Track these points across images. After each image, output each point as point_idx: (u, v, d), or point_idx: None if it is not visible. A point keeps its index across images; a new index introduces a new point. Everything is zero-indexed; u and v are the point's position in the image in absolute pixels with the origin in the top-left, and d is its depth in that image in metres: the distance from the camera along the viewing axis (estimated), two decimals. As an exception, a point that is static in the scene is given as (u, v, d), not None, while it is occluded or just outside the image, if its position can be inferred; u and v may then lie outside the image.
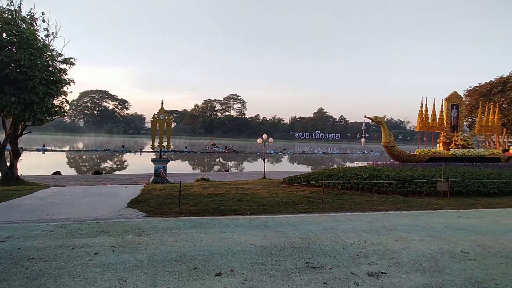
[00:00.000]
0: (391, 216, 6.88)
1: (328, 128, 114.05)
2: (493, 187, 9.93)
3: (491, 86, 22.09)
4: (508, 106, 20.45)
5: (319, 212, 7.08)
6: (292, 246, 4.78)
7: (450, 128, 15.08)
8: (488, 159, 14.53)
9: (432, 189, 9.36)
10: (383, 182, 9.54)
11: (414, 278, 3.78)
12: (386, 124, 13.45)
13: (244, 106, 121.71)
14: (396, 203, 8.14)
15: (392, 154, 13.22)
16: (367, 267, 4.06)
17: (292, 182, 10.94)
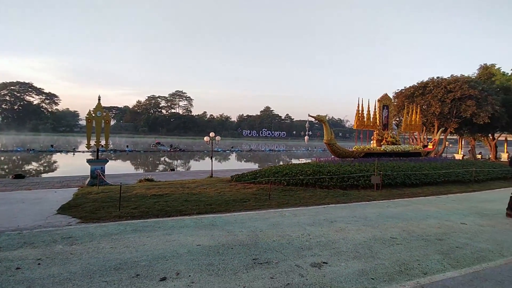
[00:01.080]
0: (332, 209, 7.35)
1: (274, 126, 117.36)
2: (416, 178, 11.27)
3: (414, 89, 24.97)
4: (427, 107, 23.33)
5: (266, 209, 7.23)
6: (239, 243, 4.79)
7: (382, 126, 16.65)
8: (412, 154, 16.43)
9: (367, 182, 10.24)
10: (325, 177, 10.15)
11: (352, 265, 4.09)
12: (328, 123, 14.31)
13: (190, 103, 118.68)
14: (336, 197, 8.72)
15: (333, 151, 14.12)
16: (311, 258, 4.27)
17: (240, 180, 10.99)
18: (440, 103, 22.46)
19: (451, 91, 22.18)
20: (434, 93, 22.94)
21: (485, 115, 21.30)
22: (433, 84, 23.83)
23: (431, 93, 23.22)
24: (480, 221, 6.55)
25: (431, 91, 23.29)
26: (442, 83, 23.28)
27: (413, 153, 16.54)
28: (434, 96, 22.84)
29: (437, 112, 22.59)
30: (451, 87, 22.31)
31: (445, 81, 23.37)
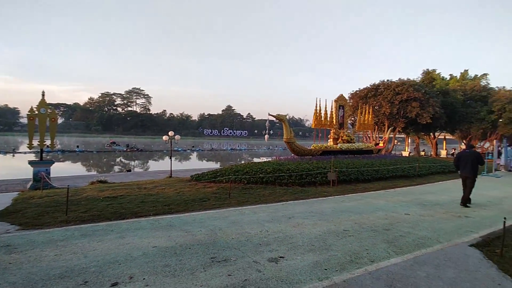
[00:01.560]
0: (291, 205, 7.56)
1: (236, 125, 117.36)
2: (368, 174, 12.04)
3: (367, 91, 26.64)
4: (378, 108, 25.03)
5: (226, 207, 7.21)
6: (198, 243, 4.73)
7: (338, 125, 17.49)
8: (365, 151, 17.50)
9: (324, 178, 10.70)
10: (284, 175, 10.40)
11: (307, 257, 4.25)
12: (288, 122, 14.67)
13: (149, 101, 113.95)
14: (295, 194, 8.98)
15: (292, 149, 14.52)
16: (268, 254, 4.36)
17: (200, 179, 10.83)
18: (390, 104, 24.20)
19: (399, 93, 24.01)
20: (385, 95, 24.66)
21: (427, 116, 23.41)
22: (383, 86, 25.60)
23: (382, 95, 24.93)
24: (421, 211, 7.20)
25: (382, 93, 25.01)
26: (391, 85, 25.10)
27: (366, 150, 17.62)
28: (384, 98, 24.55)
29: (387, 113, 24.31)
30: (399, 90, 24.15)
31: (394, 84, 25.23)
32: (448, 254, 4.51)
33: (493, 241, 5.07)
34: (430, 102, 23.85)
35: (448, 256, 4.43)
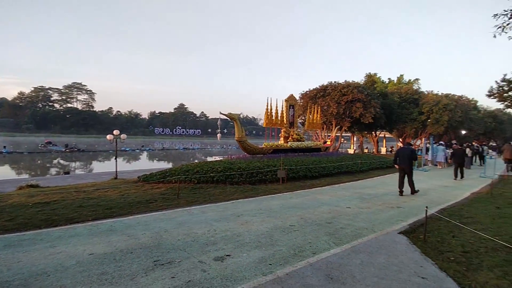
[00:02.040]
0: (240, 203, 7.61)
1: (189, 124, 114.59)
2: (315, 171, 12.63)
3: (316, 91, 27.92)
4: (326, 108, 26.39)
5: (174, 208, 7.00)
6: (141, 247, 4.51)
7: (289, 124, 18.06)
8: (314, 149, 18.35)
9: (274, 176, 10.97)
10: (235, 174, 10.43)
11: (253, 254, 4.32)
12: (239, 121, 14.72)
13: (92, 97, 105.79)
14: (245, 192, 9.06)
15: (244, 148, 14.63)
16: (215, 253, 4.33)
17: (148, 180, 10.34)
18: (337, 104, 25.66)
19: (345, 94, 25.58)
20: (332, 96, 26.08)
21: (370, 116, 25.34)
22: (331, 87, 27.05)
23: (329, 96, 26.33)
24: (360, 204, 7.77)
25: (330, 94, 26.42)
26: (338, 87, 26.62)
27: (314, 148, 18.47)
28: (332, 98, 25.95)
29: (334, 112, 25.74)
30: (345, 91, 25.74)
31: (341, 85, 26.81)
32: (380, 242, 4.94)
33: (418, 228, 5.69)
34: (371, 103, 25.82)
35: (380, 243, 4.85)
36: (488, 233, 5.34)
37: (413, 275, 3.78)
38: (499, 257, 4.36)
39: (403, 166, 9.31)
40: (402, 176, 9.35)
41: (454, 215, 6.65)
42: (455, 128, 30.50)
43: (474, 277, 3.76)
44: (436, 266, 4.03)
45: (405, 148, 9.84)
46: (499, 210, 7.32)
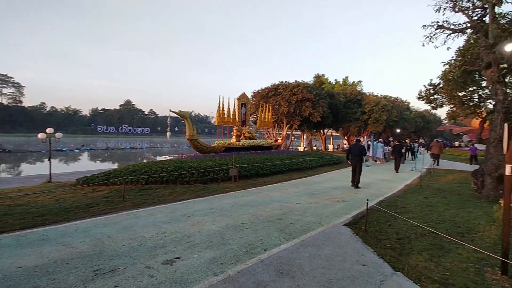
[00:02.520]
0: (191, 203, 7.41)
1: (137, 122, 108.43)
2: (267, 169, 12.87)
3: (268, 90, 28.45)
4: (278, 106, 27.05)
5: (119, 212, 6.54)
6: (79, 256, 4.13)
7: (241, 123, 18.11)
8: (265, 147, 18.69)
9: (226, 175, 10.91)
10: (186, 173, 10.13)
11: (204, 254, 4.23)
12: (190, 119, 14.33)
13: (20, 91, 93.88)
14: (197, 191, 8.85)
15: (195, 147, 14.29)
16: (163, 256, 4.15)
17: (88, 182, 9.52)
18: (287, 103, 26.44)
19: (295, 94, 26.47)
20: (283, 95, 26.80)
21: (318, 115, 26.60)
22: (282, 87, 27.77)
23: (281, 95, 27.02)
24: (309, 199, 8.11)
25: (281, 93, 27.11)
26: (289, 86, 27.44)
27: (266, 146, 18.82)
28: (283, 98, 26.67)
29: (285, 111, 26.50)
30: (295, 91, 26.63)
31: (291, 85, 27.67)
32: (327, 234, 5.21)
33: (360, 219, 6.12)
34: (320, 103, 27.14)
35: (327, 236, 5.11)
36: (418, 220, 5.97)
37: (356, 263, 4.05)
38: (427, 241, 4.90)
39: (355, 162, 10.36)
40: (354, 171, 10.42)
41: (390, 206, 7.31)
42: (391, 126, 33.61)
43: (407, 261, 4.16)
44: (375, 254, 4.38)
45: (356, 145, 10.76)
46: (426, 199, 8.24)
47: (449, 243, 4.78)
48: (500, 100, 8.29)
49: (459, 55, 14.00)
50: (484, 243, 4.84)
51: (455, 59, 14.28)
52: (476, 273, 3.81)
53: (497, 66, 8.39)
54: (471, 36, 11.41)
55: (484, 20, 9.12)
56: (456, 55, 14.45)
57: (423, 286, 3.48)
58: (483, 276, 3.72)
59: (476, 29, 9.21)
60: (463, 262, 4.14)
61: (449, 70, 14.75)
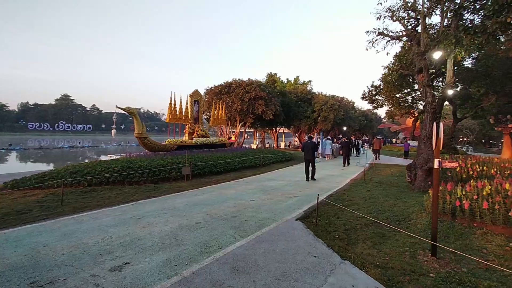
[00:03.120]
0: (141, 205, 7.03)
1: (77, 118, 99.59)
2: (220, 167, 12.78)
3: (221, 88, 28.21)
4: (231, 104, 26.99)
5: (56, 217, 5.93)
6: (11, 268, 3.66)
7: (193, 120, 17.70)
8: (219, 145, 18.54)
9: (179, 174, 10.57)
10: (135, 173, 9.59)
11: (156, 258, 4.05)
12: (139, 115, 13.58)
13: None
14: (147, 192, 8.43)
15: (145, 145, 13.60)
16: (111, 263, 3.88)
17: (18, 186, 8.46)
18: (241, 101, 26.53)
19: (248, 92, 26.66)
20: (236, 93, 26.81)
21: (270, 113, 27.15)
22: (235, 84, 27.76)
23: (234, 92, 26.99)
24: (263, 196, 8.26)
25: (234, 91, 27.09)
26: (242, 84, 27.54)
27: (220, 144, 18.68)
28: (236, 95, 26.68)
29: (238, 109, 26.55)
30: (248, 88, 26.82)
31: (244, 83, 27.80)
32: (281, 229, 5.36)
33: (312, 213, 6.41)
34: (272, 101, 27.73)
35: (281, 231, 5.26)
36: (362, 212, 6.45)
37: (308, 255, 4.23)
38: (370, 230, 5.32)
39: (308, 158, 11.25)
40: (307, 166, 11.29)
41: (338, 199, 7.79)
42: (338, 125, 35.76)
43: (353, 249, 4.47)
44: (325, 245, 4.63)
45: (309, 142, 11.60)
46: (369, 192, 8.95)
47: (389, 230, 5.25)
48: (429, 102, 9.32)
49: (396, 60, 15.42)
50: (417, 229, 5.41)
51: (393, 63, 15.73)
52: (411, 256, 4.24)
53: (427, 71, 9.43)
54: (406, 44, 12.64)
55: (417, 29, 10.17)
56: (394, 60, 15.89)
57: (367, 271, 3.77)
58: (416, 259, 4.17)
59: (410, 37, 10.22)
60: (400, 247, 4.59)
61: (388, 73, 16.22)
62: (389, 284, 3.48)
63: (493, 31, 5.80)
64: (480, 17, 6.85)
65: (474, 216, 5.57)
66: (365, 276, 3.67)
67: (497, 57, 12.58)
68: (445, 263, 4.03)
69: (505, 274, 3.66)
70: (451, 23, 8.09)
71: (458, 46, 7.20)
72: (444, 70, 13.04)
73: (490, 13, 5.65)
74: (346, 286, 3.42)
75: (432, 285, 3.44)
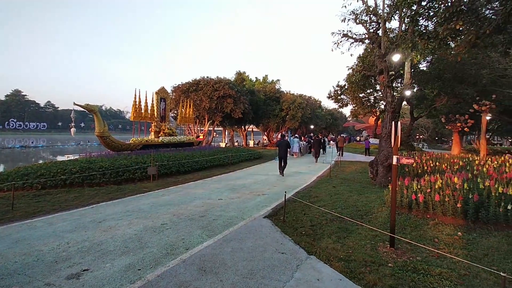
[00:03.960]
0: (103, 207, 6.68)
1: (30, 116, 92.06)
2: (188, 166, 12.53)
3: (189, 85, 27.58)
4: (199, 102, 26.51)
5: (7, 223, 5.44)
6: None
7: (160, 118, 17.15)
8: (187, 144, 18.16)
9: (144, 174, 10.20)
10: (96, 174, 9.08)
11: (119, 262, 3.87)
12: (100, 113, 12.88)
13: None
14: (109, 193, 8.02)
15: (107, 144, 12.94)
16: (68, 270, 3.64)
17: (-40, 190, 7.65)
18: (209, 99, 26.16)
19: (217, 90, 26.36)
20: (205, 91, 26.39)
21: (239, 111, 27.09)
22: (204, 82, 27.30)
23: (202, 90, 26.54)
24: (231, 195, 8.23)
25: (203, 89, 26.64)
26: (210, 82, 27.15)
27: (187, 143, 18.30)
28: (204, 93, 26.26)
29: (207, 107, 26.16)
30: (217, 86, 26.51)
31: (213, 80, 27.44)
32: (249, 227, 5.37)
33: (279, 210, 6.50)
34: (241, 99, 27.67)
35: (249, 229, 5.28)
36: (328, 207, 6.68)
37: (275, 252, 4.29)
38: (335, 225, 5.52)
39: (281, 155, 12.19)
40: (281, 162, 12.19)
41: (305, 196, 7.99)
42: (306, 123, 36.64)
43: (319, 244, 4.61)
44: (292, 241, 4.72)
45: (283, 140, 12.96)
46: (334, 188, 9.28)
47: (352, 225, 5.49)
48: (389, 102, 9.87)
49: (360, 62, 16.11)
50: (377, 222, 5.72)
51: (356, 64, 16.41)
52: (371, 248, 4.47)
53: (387, 73, 9.96)
54: (369, 46, 13.25)
55: (378, 33, 10.70)
56: (357, 61, 16.58)
57: (331, 265, 3.91)
58: (376, 250, 4.39)
59: (372, 40, 10.73)
60: (362, 240, 4.81)
61: (352, 74, 16.91)
62: (351, 275, 3.64)
63: (444, 37, 6.26)
64: (433, 24, 7.36)
65: (427, 208, 5.99)
66: (329, 269, 3.79)
67: (447, 61, 13.62)
68: (402, 253, 4.30)
69: (454, 261, 3.99)
70: (408, 28, 8.61)
71: (414, 50, 7.69)
72: (402, 72, 13.89)
73: (441, 20, 6.09)
74: (311, 280, 3.51)
75: (390, 274, 3.65)
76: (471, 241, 4.76)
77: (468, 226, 5.39)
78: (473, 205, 5.45)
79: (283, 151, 12.18)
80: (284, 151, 12.21)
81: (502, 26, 5.59)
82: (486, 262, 4.04)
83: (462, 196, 5.67)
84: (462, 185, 6.17)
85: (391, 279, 3.56)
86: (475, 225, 5.39)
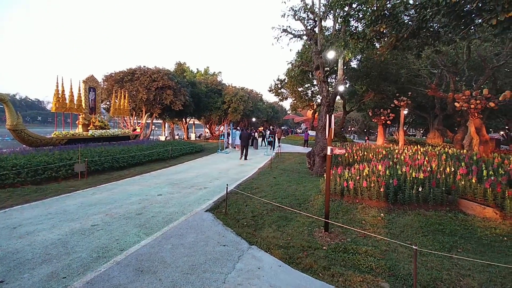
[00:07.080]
0: (17, 211, 5.81)
1: None
2: (124, 161, 11.64)
3: (124, 74, 25.46)
4: (135, 93, 24.73)
5: None
6: None
7: (89, 110, 15.54)
8: (121, 137, 16.83)
9: (70, 171, 9.17)
10: (9, 173, 7.85)
11: (39, 272, 3.42)
12: (13, 103, 11.11)
13: None
14: (25, 195, 7.01)
15: (22, 139, 11.26)
16: (-30, 287, 3.08)
17: None
18: (147, 90, 24.59)
19: (155, 80, 24.89)
20: (142, 81, 24.70)
21: (180, 103, 26.07)
22: (140, 72, 25.51)
23: (139, 80, 24.79)
24: (172, 190, 7.91)
25: (139, 79, 24.89)
26: (148, 72, 25.50)
27: (122, 137, 16.99)
28: (141, 83, 24.58)
29: (144, 99, 24.57)
30: (155, 77, 25.02)
31: (151, 70, 25.81)
32: (190, 222, 5.24)
33: (221, 203, 6.47)
34: (181, 91, 26.63)
35: (190, 224, 5.14)
36: (268, 198, 6.88)
37: (217, 245, 4.26)
38: (275, 215, 5.71)
39: (243, 144, 15.54)
40: (242, 149, 15.55)
41: (247, 188, 8.10)
42: (248, 116, 37.05)
43: (260, 234, 4.72)
44: (234, 233, 4.74)
45: (245, 132, 16.20)
46: (275, 179, 9.60)
47: (291, 213, 5.75)
48: (325, 96, 10.51)
49: (298, 57, 16.77)
50: (314, 209, 6.09)
51: (295, 59, 17.06)
52: (308, 234, 4.74)
53: (323, 69, 10.57)
54: (307, 42, 13.86)
55: (315, 30, 11.25)
56: (296, 56, 17.23)
57: (272, 253, 4.04)
58: (313, 235, 4.68)
59: (310, 37, 11.25)
60: (300, 227, 5.08)
61: (291, 68, 17.56)
62: (290, 261, 3.81)
63: (371, 38, 6.87)
64: (362, 25, 8.01)
65: (356, 194, 6.60)
66: (270, 257, 3.91)
67: (374, 60, 15.07)
68: (334, 236, 4.66)
69: (378, 239, 4.47)
70: (341, 28, 9.23)
71: (346, 48, 8.28)
72: (336, 69, 14.91)
73: (369, 22, 6.66)
74: (253, 269, 3.58)
75: (324, 256, 3.93)
76: (390, 221, 5.38)
77: (389, 207, 6.08)
78: (393, 189, 6.16)
79: (245, 141, 15.55)
80: (246, 141, 15.61)
81: (417, 31, 6.35)
82: (402, 238, 4.61)
83: (384, 181, 6.37)
84: (385, 171, 6.92)
85: (325, 260, 3.82)
86: (394, 206, 6.11)
